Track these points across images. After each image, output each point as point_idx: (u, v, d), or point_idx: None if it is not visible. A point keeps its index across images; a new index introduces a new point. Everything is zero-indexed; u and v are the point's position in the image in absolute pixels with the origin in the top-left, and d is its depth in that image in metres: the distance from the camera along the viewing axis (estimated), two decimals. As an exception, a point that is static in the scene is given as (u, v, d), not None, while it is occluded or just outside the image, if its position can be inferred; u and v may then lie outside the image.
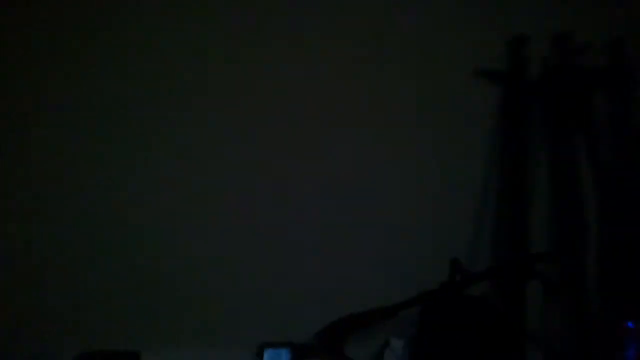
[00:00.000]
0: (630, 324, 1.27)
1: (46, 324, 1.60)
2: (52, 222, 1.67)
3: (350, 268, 1.83)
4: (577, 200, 1.80)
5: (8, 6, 1.71)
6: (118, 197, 1.72)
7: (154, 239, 1.73)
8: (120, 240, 1.70)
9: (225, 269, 1.75)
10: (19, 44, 1.73)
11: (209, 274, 1.74)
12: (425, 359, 1.71)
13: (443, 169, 1.87)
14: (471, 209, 1.88)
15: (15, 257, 1.64)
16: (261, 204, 1.79)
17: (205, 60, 1.79)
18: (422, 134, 1.87)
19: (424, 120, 1.86)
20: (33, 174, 1.69)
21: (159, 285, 1.70)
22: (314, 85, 1.83)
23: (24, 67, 1.73)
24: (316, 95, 1.83)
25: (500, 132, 1.88)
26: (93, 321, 1.61)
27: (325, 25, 1.83)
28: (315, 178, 1.83)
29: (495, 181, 1.88)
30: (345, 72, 1.84)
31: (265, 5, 1.81)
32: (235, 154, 1.80)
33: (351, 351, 1.69)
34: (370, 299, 1.73)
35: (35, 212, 1.67)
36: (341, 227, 1.83)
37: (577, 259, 1.74)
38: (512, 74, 1.87)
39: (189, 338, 1.65)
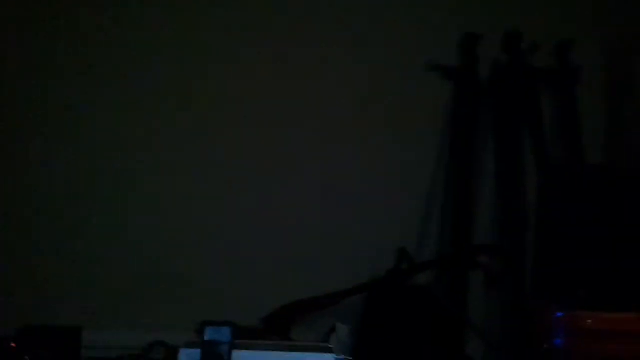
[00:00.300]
0: (559, 314, 1.34)
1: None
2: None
3: (300, 255, 1.87)
4: (521, 195, 1.87)
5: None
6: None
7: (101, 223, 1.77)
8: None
9: (174, 250, 1.79)
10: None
11: (156, 255, 1.78)
12: (369, 345, 1.75)
13: (393, 161, 1.92)
14: (419, 201, 1.94)
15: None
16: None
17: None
18: (374, 127, 1.91)
19: (375, 114, 1.91)
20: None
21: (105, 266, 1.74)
22: (277, 73, 1.87)
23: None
24: (279, 83, 1.87)
25: (450, 127, 1.94)
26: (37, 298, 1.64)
27: (270, 25, 1.87)
28: (272, 168, 1.87)
29: (444, 175, 1.94)
30: (295, 69, 1.88)
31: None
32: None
33: (298, 336, 1.72)
34: (319, 286, 1.76)
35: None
36: (292, 215, 1.88)
37: (517, 251, 1.81)
38: (464, 70, 1.93)
39: (129, 318, 1.69)
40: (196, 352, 1.24)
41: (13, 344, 0.91)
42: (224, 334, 1.20)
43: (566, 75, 1.93)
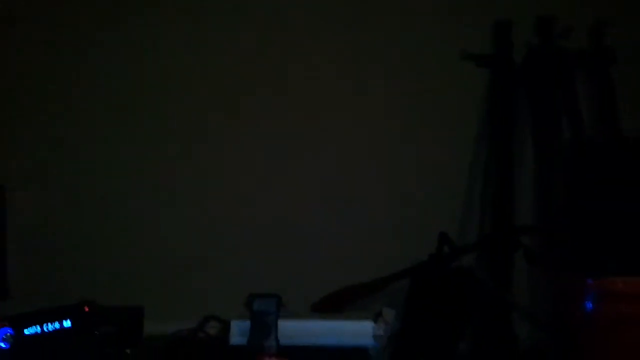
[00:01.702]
0: (590, 280, 1.42)
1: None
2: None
3: (344, 243, 1.98)
4: (558, 175, 1.94)
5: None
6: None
7: (149, 200, 1.95)
8: (120, 200, 1.94)
9: (225, 237, 1.95)
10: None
11: (209, 239, 1.94)
12: (414, 328, 1.85)
13: (433, 149, 2.02)
14: (459, 186, 2.03)
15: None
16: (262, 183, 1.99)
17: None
18: (413, 116, 2.02)
19: (413, 102, 2.01)
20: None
21: (162, 247, 1.93)
22: (302, 73, 1.99)
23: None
24: (304, 82, 1.99)
25: (487, 112, 2.03)
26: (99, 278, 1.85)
27: (308, 15, 1.99)
28: (311, 157, 2.00)
29: (483, 160, 2.02)
30: (331, 59, 2.00)
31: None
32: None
33: (346, 320, 1.84)
34: (364, 272, 1.87)
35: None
36: (334, 202, 2.00)
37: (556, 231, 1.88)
38: (498, 57, 2.01)
39: (186, 292, 1.87)
40: (246, 323, 1.39)
41: (86, 308, 1.08)
42: (271, 304, 1.35)
43: (601, 56, 1.99)
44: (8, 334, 1.01)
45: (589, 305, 1.41)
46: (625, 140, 1.76)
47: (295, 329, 1.43)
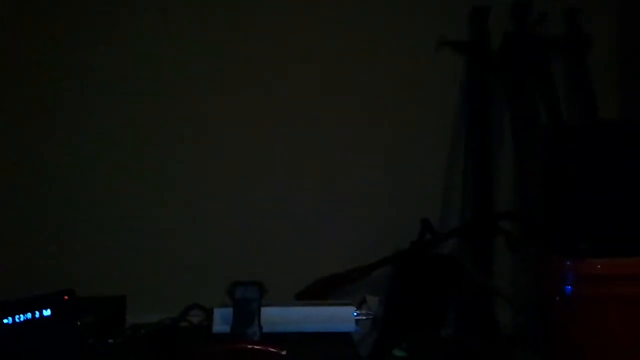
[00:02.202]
0: (568, 262, 1.45)
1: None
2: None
3: (326, 232, 2.00)
4: (536, 160, 1.97)
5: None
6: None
7: (141, 197, 1.95)
8: (103, 190, 1.94)
9: (207, 226, 1.96)
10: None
11: (192, 228, 1.95)
12: (397, 314, 1.87)
13: (412, 136, 2.04)
14: (439, 173, 2.05)
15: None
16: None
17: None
18: (391, 103, 2.04)
19: (391, 89, 2.03)
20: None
21: (144, 237, 1.92)
22: (281, 55, 2.00)
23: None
24: (289, 73, 2.00)
25: (465, 99, 2.05)
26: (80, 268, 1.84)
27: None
28: (294, 147, 2.01)
29: (462, 146, 2.05)
30: (309, 44, 2.01)
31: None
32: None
33: (329, 308, 1.85)
34: (346, 260, 1.90)
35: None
36: (316, 191, 2.01)
37: (537, 216, 1.91)
38: (475, 44, 2.04)
39: (168, 281, 1.88)
40: (229, 310, 1.39)
41: (66, 297, 1.08)
42: (253, 292, 1.35)
43: (576, 42, 2.03)
44: (-13, 323, 1.01)
45: (568, 287, 1.44)
46: (601, 123, 1.79)
47: (278, 316, 1.43)
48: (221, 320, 1.42)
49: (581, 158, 1.53)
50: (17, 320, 1.05)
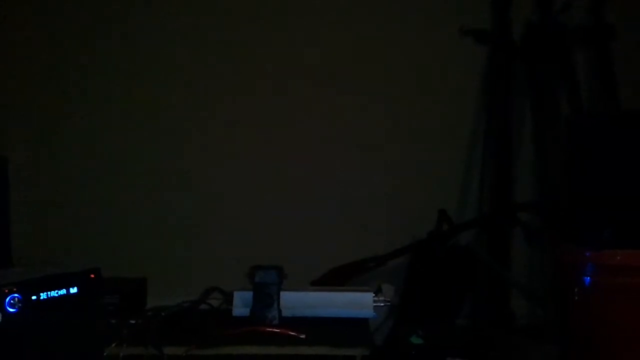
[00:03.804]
0: (587, 252, 1.46)
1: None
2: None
3: (345, 220, 2.04)
4: (557, 150, 1.99)
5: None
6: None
7: (163, 181, 2.00)
8: (123, 173, 1.99)
9: (228, 210, 2.01)
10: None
11: (212, 211, 2.00)
12: (413, 303, 1.90)
13: (431, 127, 2.06)
14: (459, 163, 2.08)
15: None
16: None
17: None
18: (411, 91, 2.06)
19: (411, 79, 2.06)
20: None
21: (165, 220, 1.98)
22: (305, 54, 2.03)
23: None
24: (306, 61, 2.03)
25: (486, 88, 2.07)
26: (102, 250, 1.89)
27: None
28: (315, 135, 2.04)
29: (482, 136, 2.07)
30: (328, 33, 2.03)
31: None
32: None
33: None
34: (364, 248, 1.94)
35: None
36: (333, 181, 2.04)
37: (556, 206, 1.93)
38: (497, 33, 2.06)
39: (188, 264, 1.93)
40: (248, 294, 1.44)
41: (92, 275, 1.12)
42: (273, 276, 1.40)
43: (600, 32, 2.04)
44: (16, 298, 1.05)
45: (587, 278, 1.46)
46: (626, 113, 1.81)
47: (297, 301, 1.47)
48: (241, 303, 1.46)
49: (604, 148, 1.54)
50: (45, 296, 1.09)
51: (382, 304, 1.57)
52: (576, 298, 1.53)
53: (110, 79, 2.01)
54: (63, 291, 1.13)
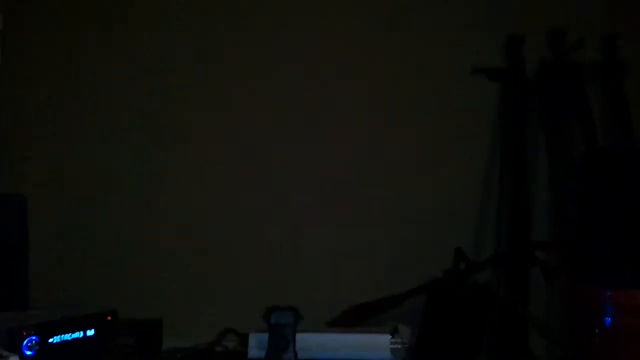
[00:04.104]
0: (608, 292, 1.45)
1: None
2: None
3: (361, 259, 2.04)
4: (573, 186, 1.98)
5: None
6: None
7: (177, 220, 2.01)
8: (141, 214, 2.01)
9: (243, 251, 2.01)
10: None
11: (222, 248, 2.00)
12: (431, 345, 1.88)
13: (447, 162, 2.07)
14: (474, 201, 2.07)
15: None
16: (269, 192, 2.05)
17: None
18: (426, 129, 2.08)
19: (426, 116, 2.08)
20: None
21: (178, 260, 1.98)
22: (315, 85, 2.06)
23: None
24: (317, 95, 2.06)
25: (500, 126, 2.08)
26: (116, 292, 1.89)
27: (325, 25, 2.07)
28: (328, 173, 2.06)
29: (497, 173, 2.07)
30: (345, 71, 2.06)
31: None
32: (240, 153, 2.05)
33: (361, 337, 1.87)
34: (380, 288, 1.92)
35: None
36: (349, 217, 2.05)
37: (574, 244, 1.92)
38: (510, 71, 2.07)
39: (204, 306, 1.92)
40: (264, 336, 1.43)
41: (109, 317, 1.12)
42: (288, 317, 1.39)
43: (613, 69, 2.05)
44: (33, 341, 1.06)
45: (608, 318, 1.44)
46: (638, 150, 1.81)
47: (313, 342, 1.46)
48: (256, 345, 1.46)
49: (620, 184, 1.55)
50: (62, 339, 1.10)
51: (399, 346, 1.55)
52: (596, 338, 1.51)
53: (125, 125, 2.05)
54: (80, 333, 1.13)
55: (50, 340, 1.09)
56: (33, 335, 1.06)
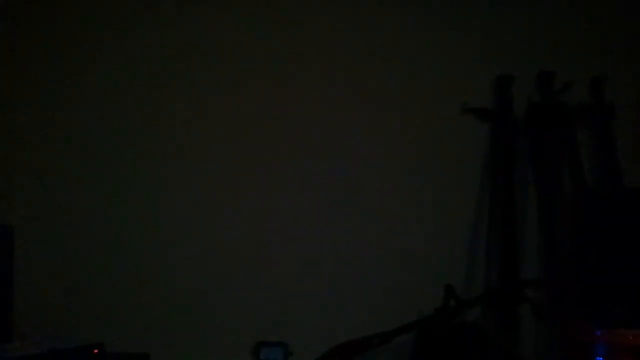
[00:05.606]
0: (598, 331, 1.45)
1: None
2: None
3: (350, 295, 2.02)
4: (562, 226, 1.99)
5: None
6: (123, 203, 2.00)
7: (158, 248, 1.98)
8: (128, 247, 1.97)
9: (232, 286, 1.98)
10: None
11: (211, 282, 1.97)
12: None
13: (436, 202, 2.08)
14: (464, 239, 2.08)
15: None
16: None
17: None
18: (415, 167, 2.08)
19: (414, 156, 2.09)
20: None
21: (169, 295, 1.95)
22: (309, 128, 2.06)
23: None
24: (311, 136, 2.06)
25: (489, 165, 2.10)
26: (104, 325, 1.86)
27: (323, 67, 2.08)
28: (318, 210, 2.04)
29: (487, 212, 2.08)
30: (339, 111, 2.07)
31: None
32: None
33: (349, 375, 1.84)
34: (369, 325, 1.90)
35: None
36: (339, 256, 2.03)
37: (564, 282, 1.92)
38: (499, 111, 2.10)
39: (192, 340, 1.89)
40: (253, 371, 1.41)
41: (95, 350, 1.10)
42: (278, 353, 1.37)
43: (601, 111, 2.09)
44: (19, 375, 1.03)
45: (599, 358, 1.44)
46: (630, 190, 1.82)
47: (302, 379, 1.44)
48: (245, 381, 1.43)
49: (610, 224, 1.56)
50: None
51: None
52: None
53: (112, 150, 2.02)
54: (66, 367, 1.11)
55: (37, 374, 1.06)
56: (18, 368, 1.04)
